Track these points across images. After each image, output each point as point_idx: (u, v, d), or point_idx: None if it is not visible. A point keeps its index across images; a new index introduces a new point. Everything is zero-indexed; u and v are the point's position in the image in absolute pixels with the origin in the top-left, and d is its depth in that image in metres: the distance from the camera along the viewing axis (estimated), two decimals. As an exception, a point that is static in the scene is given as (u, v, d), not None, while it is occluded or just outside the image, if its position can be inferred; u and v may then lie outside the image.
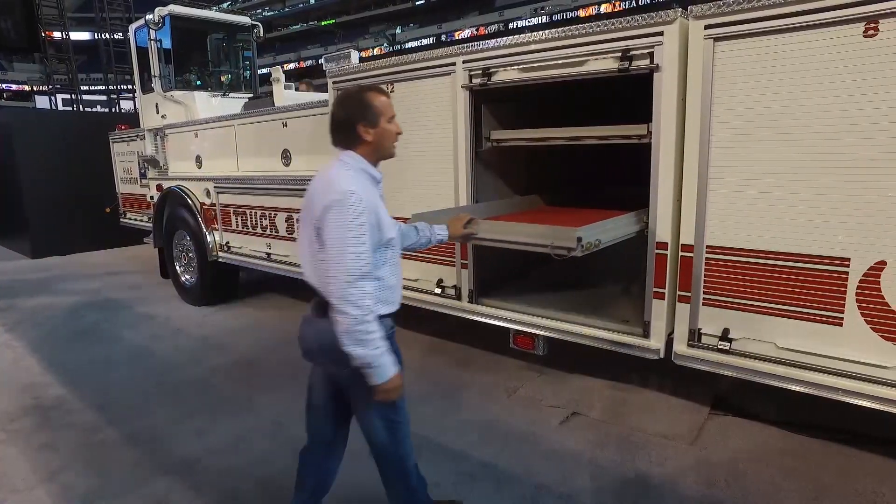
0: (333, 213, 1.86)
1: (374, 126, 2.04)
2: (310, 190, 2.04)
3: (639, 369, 3.91)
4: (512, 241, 2.89)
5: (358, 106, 2.04)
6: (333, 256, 1.86)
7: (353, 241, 1.86)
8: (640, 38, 2.87)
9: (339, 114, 2.08)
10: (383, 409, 2.10)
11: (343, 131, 2.06)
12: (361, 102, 2.04)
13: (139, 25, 7.23)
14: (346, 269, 1.85)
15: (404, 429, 2.20)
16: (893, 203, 2.32)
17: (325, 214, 1.87)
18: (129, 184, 8.50)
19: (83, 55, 33.30)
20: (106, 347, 5.19)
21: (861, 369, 2.48)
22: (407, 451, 2.24)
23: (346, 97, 2.10)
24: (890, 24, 2.20)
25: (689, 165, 2.80)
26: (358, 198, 1.88)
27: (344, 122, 2.05)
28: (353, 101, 2.06)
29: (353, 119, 2.03)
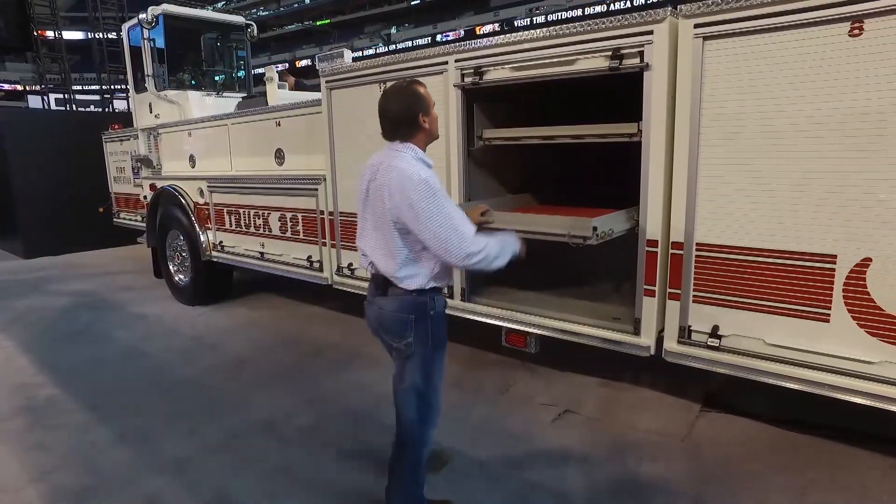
0: (423, 198, 2.08)
1: (428, 114, 2.28)
2: (376, 181, 2.24)
3: (630, 367, 3.93)
4: (529, 231, 3.00)
5: (414, 97, 2.25)
6: (439, 229, 2.09)
7: (447, 208, 2.12)
8: (631, 37, 2.88)
9: (398, 108, 2.24)
10: (420, 389, 2.32)
11: (406, 123, 2.24)
12: (416, 94, 2.25)
13: (132, 25, 7.22)
14: (455, 230, 2.11)
15: (433, 416, 2.39)
16: (879, 201, 2.34)
17: (416, 203, 2.08)
18: (122, 183, 8.49)
19: (76, 55, 33.13)
20: (98, 348, 5.18)
21: (848, 365, 2.50)
22: (428, 438, 2.42)
23: (400, 92, 2.27)
24: (874, 24, 2.22)
25: (678, 163, 2.82)
26: (434, 178, 2.16)
27: (405, 115, 2.23)
28: (409, 93, 2.25)
29: (414, 110, 2.23)
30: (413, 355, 2.29)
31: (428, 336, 2.30)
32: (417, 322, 2.27)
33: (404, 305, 2.27)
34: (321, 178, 4.62)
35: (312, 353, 4.86)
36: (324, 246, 4.77)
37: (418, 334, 2.27)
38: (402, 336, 2.28)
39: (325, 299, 6.12)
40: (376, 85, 3.99)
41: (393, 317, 2.29)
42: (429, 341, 2.30)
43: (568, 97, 3.97)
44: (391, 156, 2.23)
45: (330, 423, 3.63)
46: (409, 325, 2.26)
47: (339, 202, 4.52)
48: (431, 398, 2.36)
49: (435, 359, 2.35)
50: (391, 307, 2.29)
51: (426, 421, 2.38)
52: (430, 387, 2.34)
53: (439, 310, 2.35)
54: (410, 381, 2.32)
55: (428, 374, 2.32)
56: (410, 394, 2.34)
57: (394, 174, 2.15)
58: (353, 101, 4.22)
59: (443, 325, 2.38)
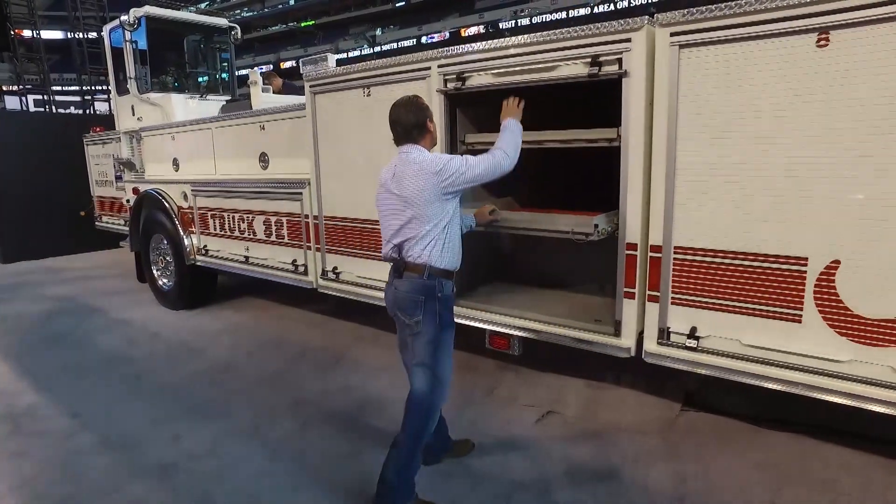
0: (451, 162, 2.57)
1: (433, 121, 2.74)
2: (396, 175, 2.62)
3: (612, 367, 4.00)
4: (535, 228, 3.39)
5: (422, 108, 2.70)
6: (468, 171, 2.59)
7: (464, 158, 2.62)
8: (610, 45, 2.94)
9: (410, 117, 2.66)
10: (427, 363, 2.63)
11: (417, 129, 2.66)
12: (423, 105, 2.72)
13: (114, 26, 7.14)
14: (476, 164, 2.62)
15: (440, 388, 2.68)
16: (846, 205, 2.42)
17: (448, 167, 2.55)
18: (104, 187, 8.40)
19: (55, 54, 32.61)
20: (80, 353, 5.14)
21: (820, 364, 2.58)
22: (433, 409, 2.70)
23: (410, 104, 2.70)
24: (839, 36, 2.31)
25: (657, 168, 2.88)
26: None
27: (417, 122, 2.66)
28: (418, 105, 2.70)
29: (423, 118, 2.67)
30: (422, 332, 2.61)
31: (436, 315, 2.61)
32: (427, 302, 2.59)
33: (416, 287, 2.61)
34: (306, 182, 4.63)
35: (297, 356, 4.87)
36: (308, 250, 4.78)
37: (427, 313, 2.59)
38: (413, 314, 2.61)
39: (310, 302, 6.12)
40: (360, 90, 4.02)
41: (406, 297, 2.62)
42: (436, 320, 2.61)
43: (550, 102, 4.02)
44: (403, 159, 2.63)
45: (315, 427, 3.65)
46: (420, 305, 2.59)
47: (323, 206, 4.53)
48: (439, 371, 2.65)
49: (442, 337, 2.65)
50: (405, 288, 2.63)
51: (434, 392, 2.66)
52: (437, 362, 2.64)
53: (447, 293, 2.65)
54: (420, 356, 2.64)
55: (435, 349, 2.62)
56: (420, 367, 2.65)
57: (414, 165, 2.57)
58: (338, 105, 4.24)
59: (449, 308, 2.68)
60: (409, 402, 2.72)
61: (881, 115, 2.29)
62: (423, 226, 2.56)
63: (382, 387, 4.16)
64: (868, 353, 2.49)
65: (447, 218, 2.62)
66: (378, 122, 3.98)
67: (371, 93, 3.98)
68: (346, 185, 4.33)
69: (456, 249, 2.70)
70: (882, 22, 2.23)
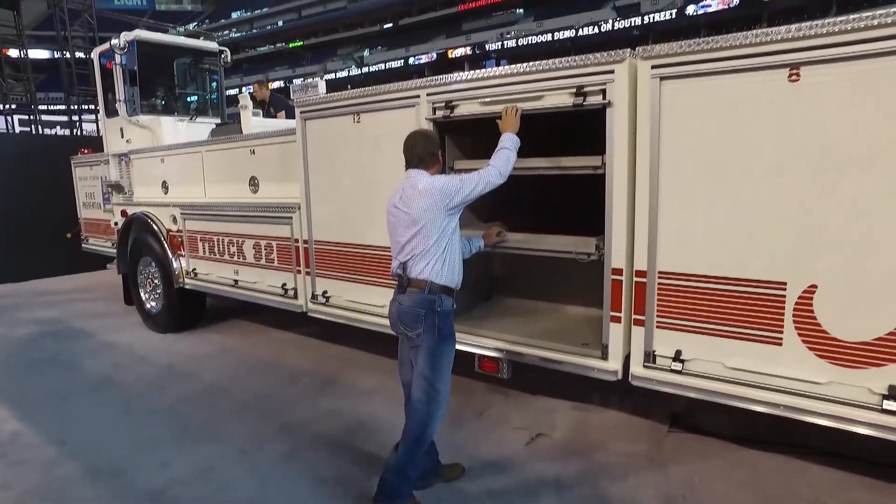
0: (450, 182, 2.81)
1: (443, 151, 3.08)
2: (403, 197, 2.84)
3: (600, 389, 4.05)
4: (539, 248, 3.52)
5: (434, 139, 3.03)
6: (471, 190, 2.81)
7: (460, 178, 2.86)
8: (594, 76, 3.04)
9: (424, 146, 2.92)
10: (426, 374, 2.78)
11: (429, 156, 2.92)
12: (435, 137, 3.13)
13: (104, 49, 7.19)
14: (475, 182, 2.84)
15: (439, 400, 2.81)
16: (820, 231, 2.51)
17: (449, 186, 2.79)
18: (91, 209, 8.36)
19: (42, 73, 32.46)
20: (66, 378, 5.08)
21: (800, 386, 2.64)
22: (431, 419, 2.82)
23: (424, 135, 3.02)
24: (809, 71, 2.42)
25: (640, 195, 2.96)
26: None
27: (429, 151, 2.93)
28: (430, 137, 3.03)
29: (435, 148, 2.97)
30: (422, 344, 2.77)
31: (435, 328, 2.76)
32: (427, 316, 2.76)
33: (417, 301, 2.78)
34: (296, 207, 4.67)
35: (286, 380, 4.86)
36: (298, 273, 4.80)
37: (427, 326, 2.76)
38: (413, 327, 2.79)
39: (299, 325, 6.12)
40: (350, 116, 4.09)
41: (408, 310, 2.80)
42: (435, 333, 2.77)
43: (537, 130, 4.11)
44: (411, 182, 2.85)
45: (306, 451, 3.64)
46: (420, 318, 2.76)
47: (313, 230, 4.57)
48: (436, 383, 2.79)
49: (441, 350, 2.80)
50: (407, 302, 2.81)
51: (431, 402, 2.79)
52: (435, 374, 2.78)
53: (446, 308, 2.81)
54: (420, 367, 2.80)
55: (434, 362, 2.78)
56: (419, 378, 2.80)
57: (420, 187, 2.79)
58: (328, 131, 4.30)
59: (449, 322, 2.84)
60: (408, 411, 2.90)
61: (849, 146, 2.39)
62: (426, 243, 2.76)
63: (373, 410, 4.16)
64: (846, 375, 2.55)
65: (447, 236, 2.82)
66: (368, 147, 4.06)
67: (361, 119, 4.05)
68: (336, 210, 4.38)
69: (455, 267, 2.88)
70: (847, 60, 2.34)
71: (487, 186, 2.87)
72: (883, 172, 2.35)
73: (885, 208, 2.37)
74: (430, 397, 2.79)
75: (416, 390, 2.82)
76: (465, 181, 2.82)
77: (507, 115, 3.18)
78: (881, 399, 2.45)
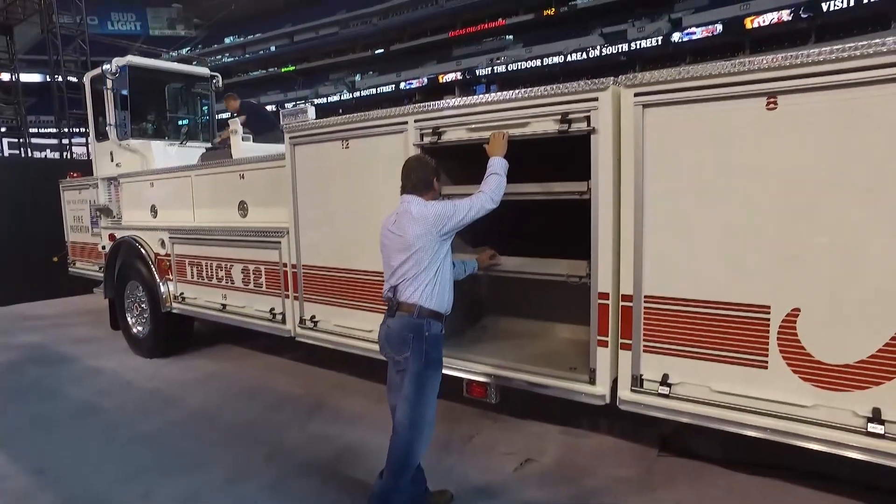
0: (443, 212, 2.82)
1: (438, 179, 3.05)
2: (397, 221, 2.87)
3: (589, 414, 4.02)
4: (530, 272, 3.57)
5: (430, 167, 3.02)
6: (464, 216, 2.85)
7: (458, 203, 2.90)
8: (578, 103, 3.09)
9: (420, 173, 2.97)
10: (412, 399, 2.76)
11: (424, 184, 2.97)
12: (431, 165, 3.05)
13: (95, 74, 7.24)
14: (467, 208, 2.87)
15: (423, 425, 2.79)
16: (801, 254, 2.55)
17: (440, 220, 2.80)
18: (79, 232, 8.32)
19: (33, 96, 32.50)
20: (48, 405, 4.99)
21: (786, 409, 2.65)
22: (414, 444, 2.79)
23: (421, 162, 3.06)
24: (786, 100, 2.48)
25: (625, 220, 2.99)
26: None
27: (425, 179, 2.97)
28: (427, 164, 3.03)
29: (430, 176, 2.99)
30: (409, 369, 2.76)
31: (422, 353, 2.76)
32: (415, 340, 2.76)
33: (405, 325, 2.79)
34: (284, 231, 4.68)
35: (274, 405, 4.80)
36: (287, 298, 4.78)
37: (414, 350, 2.76)
38: (401, 350, 2.79)
39: (287, 349, 6.07)
40: (339, 142, 4.13)
41: (396, 334, 2.81)
42: (422, 357, 2.76)
43: (525, 156, 4.17)
44: (405, 207, 2.88)
45: (292, 480, 3.59)
46: (408, 342, 2.77)
47: (302, 255, 4.57)
48: (421, 408, 2.78)
49: (428, 375, 2.79)
50: (396, 326, 2.82)
51: (415, 427, 2.77)
52: (420, 399, 2.77)
53: (434, 333, 2.81)
54: (406, 391, 2.77)
55: (420, 387, 2.76)
56: (404, 402, 2.78)
57: (414, 212, 2.82)
58: (317, 156, 4.33)
59: (437, 347, 2.83)
60: (392, 436, 2.86)
61: (826, 172, 2.45)
62: (418, 268, 2.78)
63: (361, 436, 4.12)
64: (831, 399, 2.56)
65: (439, 261, 2.84)
66: (356, 173, 4.09)
67: (349, 145, 4.09)
68: (325, 235, 4.39)
69: (446, 292, 2.90)
70: (821, 90, 2.42)
71: (480, 212, 2.90)
72: (858, 197, 2.40)
73: (862, 232, 2.42)
74: (413, 422, 2.77)
75: (401, 414, 2.80)
76: (458, 207, 2.85)
77: (495, 139, 3.22)
78: (866, 422, 2.46)
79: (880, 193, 2.36)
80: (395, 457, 2.82)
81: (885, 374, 2.44)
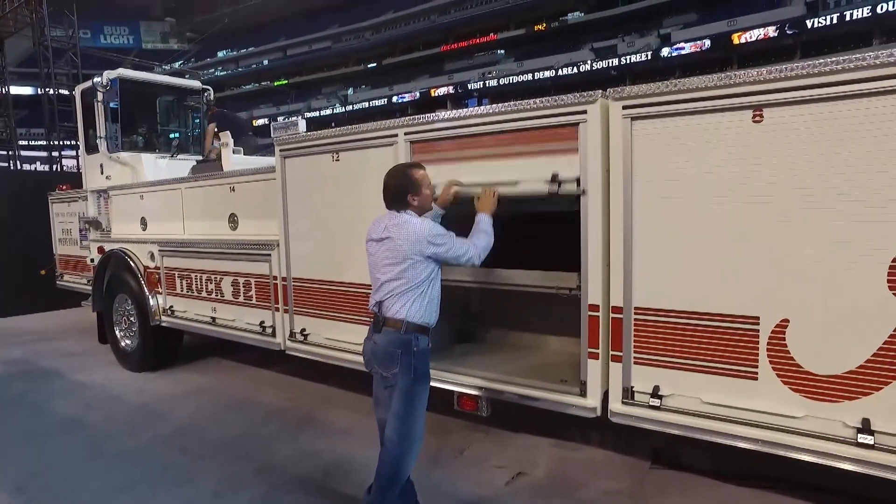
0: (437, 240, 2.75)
1: (418, 194, 2.86)
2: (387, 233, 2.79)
3: (581, 426, 4.00)
4: (520, 284, 3.59)
5: (406, 179, 2.85)
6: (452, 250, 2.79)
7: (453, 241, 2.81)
8: (567, 116, 3.12)
9: (393, 186, 2.85)
10: (401, 414, 2.72)
11: (398, 199, 2.84)
12: (408, 177, 2.86)
13: (86, 87, 7.22)
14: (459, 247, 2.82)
15: (412, 439, 2.76)
16: (789, 265, 2.56)
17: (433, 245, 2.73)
18: (67, 245, 8.25)
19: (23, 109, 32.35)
20: (33, 420, 4.91)
21: (777, 420, 2.65)
22: (402, 460, 2.75)
23: (396, 174, 2.90)
24: (772, 112, 2.51)
25: (615, 232, 3.00)
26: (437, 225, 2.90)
27: (398, 193, 2.84)
28: (402, 176, 2.86)
29: (403, 190, 2.84)
30: (397, 385, 2.71)
31: (411, 368, 2.71)
32: (403, 355, 2.71)
33: (393, 341, 2.73)
34: (275, 244, 4.66)
35: (263, 419, 4.75)
36: (276, 311, 4.75)
37: (403, 366, 2.70)
38: (389, 367, 2.73)
39: (276, 362, 6.01)
40: (329, 154, 4.13)
41: (384, 350, 2.75)
42: (411, 373, 2.72)
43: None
44: (395, 221, 2.81)
45: (282, 494, 3.54)
46: (396, 358, 2.71)
47: (292, 267, 4.55)
48: (410, 423, 2.74)
49: (417, 390, 2.75)
50: (383, 342, 2.76)
51: (404, 442, 2.74)
52: (409, 413, 2.73)
53: (422, 347, 2.76)
54: (394, 407, 2.73)
55: (409, 402, 2.72)
56: (393, 418, 2.74)
57: (405, 227, 2.75)
58: (307, 169, 4.33)
59: (424, 362, 2.78)
60: (381, 451, 2.84)
61: (813, 183, 2.47)
62: (405, 283, 2.73)
63: (351, 450, 4.07)
64: (821, 409, 2.56)
65: (428, 279, 2.78)
66: (347, 185, 4.09)
67: (340, 157, 4.09)
68: (315, 247, 4.37)
69: (433, 307, 2.84)
70: (805, 103, 2.45)
71: (462, 260, 2.86)
72: (844, 208, 2.43)
73: (848, 242, 2.43)
74: (402, 437, 2.74)
75: (390, 430, 2.76)
76: (449, 244, 2.80)
77: (486, 195, 3.19)
78: (856, 432, 2.46)
79: (865, 204, 2.39)
80: (384, 472, 2.78)
81: (874, 385, 2.45)
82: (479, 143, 3.43)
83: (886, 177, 2.34)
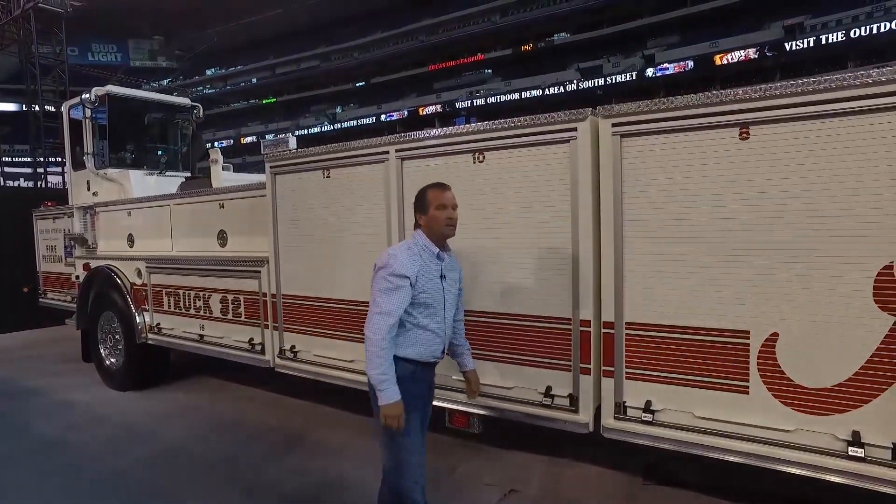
0: (379, 269, 2.58)
1: (425, 213, 2.68)
2: None
3: (573, 442, 3.98)
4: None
5: (417, 199, 2.74)
6: (374, 299, 2.56)
7: (385, 288, 2.53)
8: (558, 133, 3.16)
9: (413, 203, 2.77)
10: (387, 441, 2.62)
11: (415, 217, 2.76)
12: (419, 196, 2.74)
13: (74, 103, 7.19)
14: (376, 304, 2.54)
15: (408, 468, 2.62)
16: (778, 280, 2.60)
17: (376, 271, 2.59)
18: (52, 262, 8.13)
19: (7, 125, 32.09)
20: (13, 441, 4.79)
21: (769, 434, 2.67)
22: (406, 485, 2.62)
23: (419, 191, 2.76)
24: (758, 130, 2.58)
25: (605, 247, 3.04)
26: (399, 261, 2.55)
27: (413, 210, 2.76)
28: (419, 193, 2.75)
29: (414, 208, 2.75)
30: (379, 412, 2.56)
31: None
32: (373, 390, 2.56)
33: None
34: (264, 261, 4.63)
35: (252, 439, 4.67)
36: (266, 328, 4.71)
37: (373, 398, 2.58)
38: (373, 394, 2.60)
39: (265, 381, 5.94)
40: (320, 171, 4.14)
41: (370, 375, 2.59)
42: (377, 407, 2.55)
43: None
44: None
45: (269, 516, 3.48)
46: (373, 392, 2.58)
47: (282, 284, 4.52)
48: (400, 452, 2.61)
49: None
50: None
51: (399, 470, 2.62)
52: (393, 441, 2.59)
53: (403, 374, 2.58)
54: (381, 435, 2.63)
55: (386, 428, 2.54)
56: (382, 447, 2.67)
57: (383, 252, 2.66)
58: (298, 185, 4.34)
59: (407, 389, 2.56)
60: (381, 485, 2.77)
61: (800, 198, 2.53)
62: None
63: (342, 470, 4.02)
64: (811, 422, 2.59)
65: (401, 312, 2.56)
66: (337, 202, 4.09)
67: (331, 174, 4.10)
68: (305, 264, 4.36)
69: (413, 338, 2.64)
70: (791, 121, 2.52)
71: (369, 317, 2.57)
72: (831, 223, 2.48)
73: (834, 256, 2.48)
74: (396, 464, 2.63)
75: (384, 458, 2.68)
76: (378, 296, 2.55)
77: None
78: (846, 445, 2.49)
79: (851, 219, 2.44)
80: (385, 499, 2.72)
81: (864, 398, 2.48)
82: (470, 160, 3.46)
83: (870, 192, 2.40)
